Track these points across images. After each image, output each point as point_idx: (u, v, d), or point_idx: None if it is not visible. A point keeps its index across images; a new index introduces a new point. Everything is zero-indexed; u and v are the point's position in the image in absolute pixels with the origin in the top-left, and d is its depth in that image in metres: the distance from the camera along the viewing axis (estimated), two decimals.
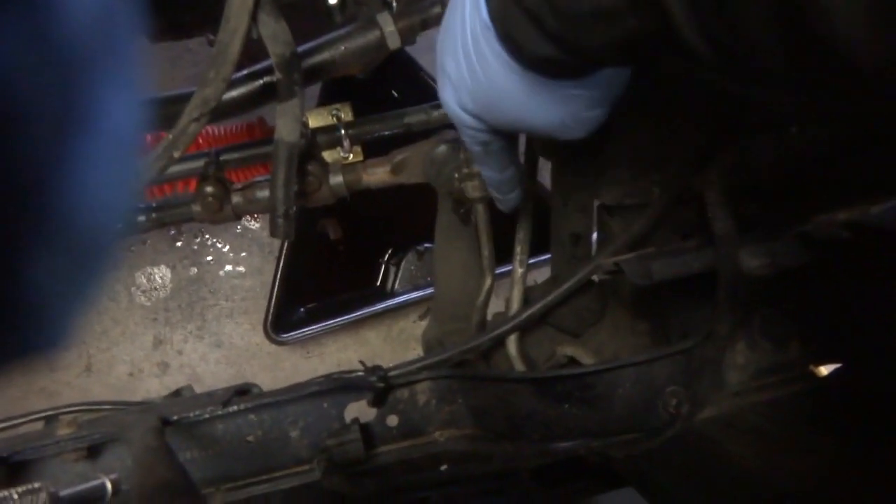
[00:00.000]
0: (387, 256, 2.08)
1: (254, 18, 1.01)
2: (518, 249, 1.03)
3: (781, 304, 0.95)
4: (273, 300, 1.91)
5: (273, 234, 1.17)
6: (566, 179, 0.97)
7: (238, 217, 1.32)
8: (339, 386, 0.94)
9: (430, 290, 2.01)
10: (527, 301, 1.03)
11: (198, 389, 2.04)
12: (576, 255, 1.02)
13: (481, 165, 0.83)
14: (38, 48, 0.24)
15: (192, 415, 0.89)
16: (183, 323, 2.07)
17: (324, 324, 1.97)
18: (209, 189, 1.27)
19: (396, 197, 1.65)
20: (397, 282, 2.05)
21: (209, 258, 2.10)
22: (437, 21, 1.31)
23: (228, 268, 2.10)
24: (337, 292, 2.07)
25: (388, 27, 1.26)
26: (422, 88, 2.00)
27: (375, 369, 0.96)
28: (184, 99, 1.07)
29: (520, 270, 1.03)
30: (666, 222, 0.99)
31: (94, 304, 0.33)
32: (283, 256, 1.91)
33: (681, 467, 0.86)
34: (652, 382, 0.91)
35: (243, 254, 2.11)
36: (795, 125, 0.73)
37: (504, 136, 0.78)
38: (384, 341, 2.11)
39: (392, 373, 0.97)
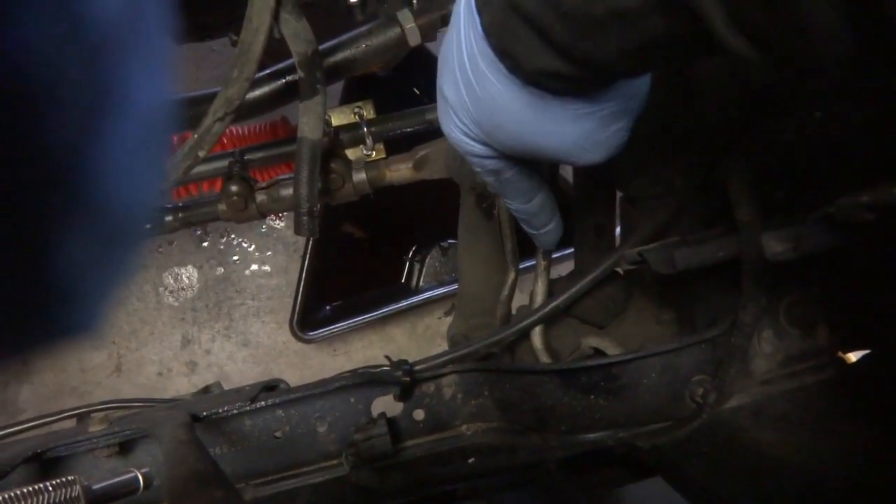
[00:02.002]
0: (411, 253, 2.08)
1: (276, 18, 1.02)
2: None
3: (808, 291, 0.94)
4: (299, 298, 1.93)
5: (297, 231, 1.17)
6: (588, 171, 0.97)
7: (263, 215, 1.33)
8: (366, 380, 0.95)
9: (454, 286, 2.02)
10: (551, 293, 1.03)
11: (226, 388, 2.07)
12: (599, 246, 1.02)
13: (501, 196, 0.77)
14: (68, 30, 0.24)
15: (221, 411, 0.91)
16: (210, 322, 2.09)
17: (349, 321, 1.98)
18: (234, 188, 1.28)
19: (419, 193, 1.66)
20: (422, 278, 2.06)
21: (235, 258, 2.12)
22: None
23: (254, 267, 2.12)
24: (362, 290, 2.08)
25: (409, 23, 1.26)
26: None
27: (401, 363, 0.97)
28: (208, 99, 1.08)
29: (543, 262, 1.03)
30: (690, 211, 0.99)
31: (126, 288, 0.33)
32: (307, 255, 1.92)
33: (709, 456, 0.86)
34: (678, 372, 0.90)
35: (269, 253, 2.12)
36: (818, 108, 0.72)
37: (517, 161, 0.70)
38: (410, 338, 2.12)
39: (418, 367, 0.98)
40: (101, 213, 0.28)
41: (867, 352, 0.95)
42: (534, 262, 1.06)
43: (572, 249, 1.15)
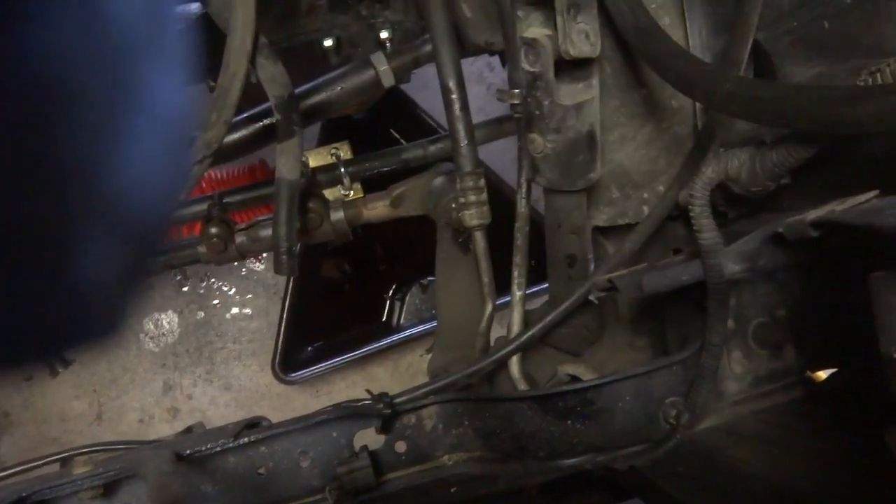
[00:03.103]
0: (391, 291, 2.10)
1: (252, 63, 1.06)
2: (515, 273, 1.05)
3: (775, 313, 0.97)
4: (280, 340, 1.94)
5: (277, 270, 1.19)
6: (559, 203, 1.00)
7: (243, 257, 1.35)
8: (347, 414, 0.96)
9: (435, 323, 2.04)
10: (527, 323, 1.06)
11: None
12: (572, 276, 1.04)
13: None
14: (89, 31, 0.25)
15: (204, 448, 0.91)
16: (192, 367, 2.09)
17: (331, 361, 1.98)
18: (214, 230, 1.30)
19: (398, 232, 1.69)
20: (403, 316, 2.07)
21: (215, 301, 2.13)
22: (427, 59, 1.35)
23: (235, 310, 2.13)
24: (343, 330, 2.09)
25: (382, 66, 1.30)
26: (418, 124, 2.04)
27: (382, 396, 0.98)
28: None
29: (518, 293, 1.05)
30: (657, 239, 1.02)
31: (144, 290, 0.33)
32: (288, 296, 1.93)
33: (685, 476, 0.87)
34: (651, 394, 0.93)
35: (249, 295, 2.13)
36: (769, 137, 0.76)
37: None
38: (392, 376, 2.12)
39: (398, 399, 0.99)
40: (123, 212, 0.28)
41: (834, 370, 0.98)
42: (540, 287, 1.08)
43: (547, 284, 1.17)
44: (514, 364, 1.03)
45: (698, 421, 0.92)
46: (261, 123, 1.29)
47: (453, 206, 1.19)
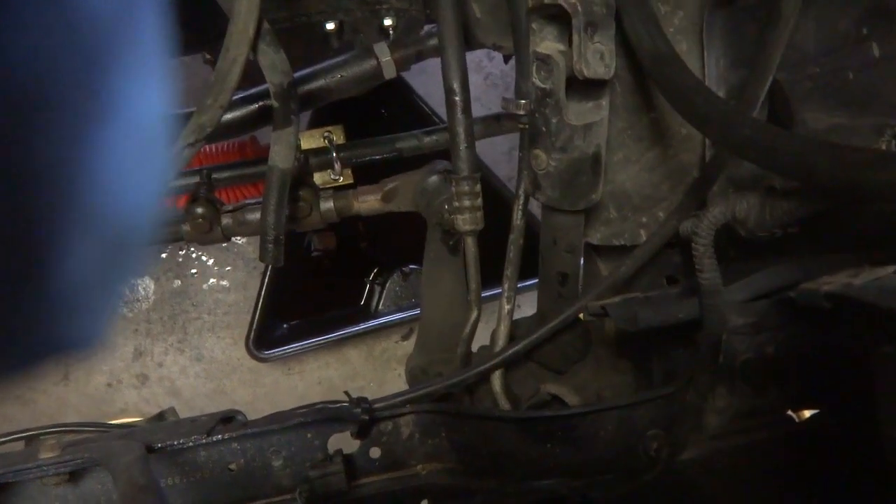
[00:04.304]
0: (372, 276, 2.08)
1: (254, 49, 1.02)
2: (506, 286, 1.04)
3: (762, 350, 0.97)
4: (257, 317, 1.92)
5: (262, 259, 1.17)
6: (557, 221, 0.98)
7: (227, 239, 1.32)
8: (325, 417, 0.94)
9: (414, 312, 2.02)
10: (513, 336, 1.04)
11: (176, 402, 2.04)
12: (562, 293, 1.03)
13: None
14: (64, 36, 0.24)
15: (176, 443, 0.90)
16: (164, 335, 2.06)
17: (307, 342, 1.97)
18: (199, 210, 1.27)
19: (384, 217, 1.67)
20: (381, 302, 2.06)
21: (193, 271, 2.10)
22: (432, 52, 1.33)
23: (212, 281, 2.10)
24: (321, 310, 2.07)
25: (385, 57, 1.27)
26: (413, 110, 2.01)
27: (360, 401, 0.97)
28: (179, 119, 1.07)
29: (506, 307, 1.04)
30: (652, 264, 1.01)
31: (122, 299, 0.33)
32: (268, 273, 1.91)
33: None
34: (634, 425, 0.92)
35: (228, 268, 2.10)
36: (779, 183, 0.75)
37: None
38: (366, 360, 2.11)
39: (377, 405, 0.98)
40: (101, 221, 0.28)
41: (815, 412, 0.98)
42: (497, 291, 1.07)
43: (535, 281, 1.16)
44: (497, 379, 1.02)
45: (678, 454, 0.91)
46: (256, 106, 1.26)
47: (446, 207, 1.17)
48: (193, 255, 2.09)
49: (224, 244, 2.09)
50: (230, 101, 1.10)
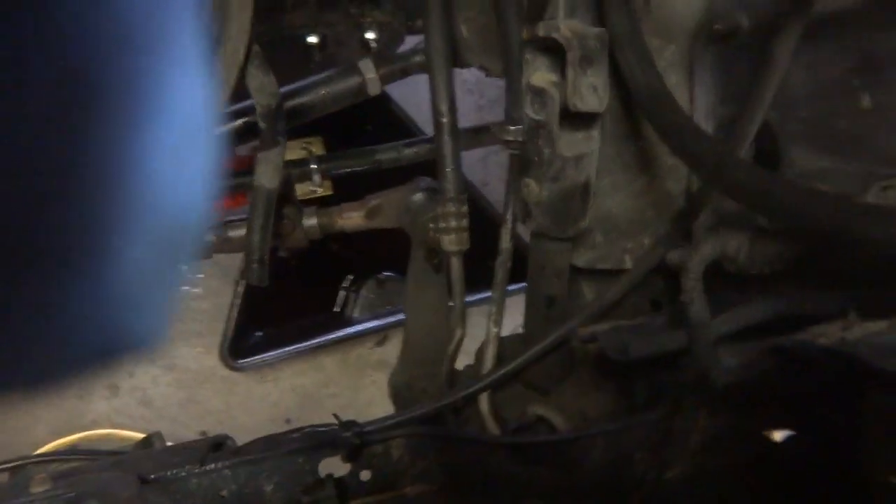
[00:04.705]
0: (347, 283, 2.08)
1: (242, 72, 1.02)
2: (493, 309, 1.05)
3: (747, 373, 1.00)
4: (231, 324, 1.90)
5: (248, 279, 1.17)
6: (546, 247, 1.00)
7: (209, 256, 1.32)
8: (316, 443, 0.95)
9: (389, 319, 2.03)
10: (499, 356, 1.06)
11: (148, 412, 2.02)
12: (549, 316, 1.05)
13: None
14: (111, 26, 0.24)
15: (170, 474, 0.89)
16: None
17: (281, 350, 1.97)
18: None
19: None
20: (356, 309, 2.06)
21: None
22: (416, 68, 1.33)
23: (184, 289, 2.07)
24: (294, 317, 2.06)
25: (370, 74, 1.27)
26: (392, 120, 2.01)
27: (350, 425, 0.98)
28: None
29: (493, 329, 1.05)
30: (636, 289, 1.03)
31: (177, 302, 0.33)
32: (241, 281, 1.90)
33: None
34: (622, 448, 0.94)
35: (200, 275, 2.08)
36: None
37: None
38: (340, 367, 2.11)
39: (367, 428, 0.99)
40: (155, 214, 0.28)
41: (791, 433, 1.01)
42: (482, 296, 1.08)
43: (520, 285, 1.17)
44: (484, 401, 1.04)
45: (664, 474, 0.94)
46: (238, 122, 1.25)
47: (431, 226, 1.18)
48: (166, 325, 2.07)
49: None
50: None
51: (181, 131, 0.28)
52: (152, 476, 0.88)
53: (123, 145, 0.25)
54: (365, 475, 1.00)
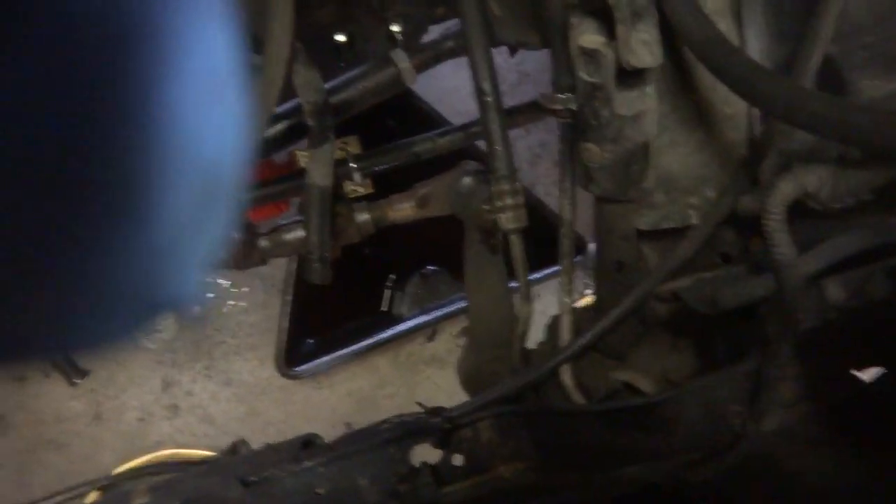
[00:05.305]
0: (390, 281, 2.08)
1: (288, 70, 1.02)
2: (565, 279, 1.05)
3: (826, 317, 0.98)
4: (283, 334, 1.91)
5: (310, 278, 1.17)
6: (611, 210, 0.99)
7: (265, 262, 1.32)
8: (406, 432, 0.95)
9: (438, 313, 2.03)
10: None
11: (210, 429, 2.03)
12: (620, 281, 1.04)
13: None
14: None
15: (267, 474, 0.90)
16: (190, 363, 2.05)
17: (335, 354, 1.97)
18: (236, 235, 1.26)
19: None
20: (403, 306, 2.06)
21: (211, 295, 2.08)
22: (448, 54, 1.33)
23: (231, 303, 2.09)
24: (343, 321, 2.07)
25: (404, 63, 1.27)
26: (415, 113, 2.01)
27: (439, 411, 0.98)
28: None
29: (566, 300, 1.05)
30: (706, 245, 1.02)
31: (219, 253, 0.32)
32: (290, 290, 1.90)
33: (754, 488, 0.89)
34: (715, 404, 0.93)
35: (245, 289, 2.09)
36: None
37: None
38: (393, 366, 2.11)
39: (454, 413, 0.98)
40: (190, 166, 0.28)
41: (883, 371, 0.99)
42: (541, 275, 1.07)
43: (556, 269, 1.16)
44: (567, 373, 1.03)
45: (760, 427, 0.93)
46: (282, 125, 1.25)
47: (486, 207, 1.18)
48: (209, 280, 2.08)
49: None
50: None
51: (208, 79, 0.28)
52: (252, 478, 0.88)
53: (151, 96, 0.25)
54: (458, 459, 0.99)
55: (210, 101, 0.28)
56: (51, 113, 0.23)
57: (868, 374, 1.04)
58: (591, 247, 1.26)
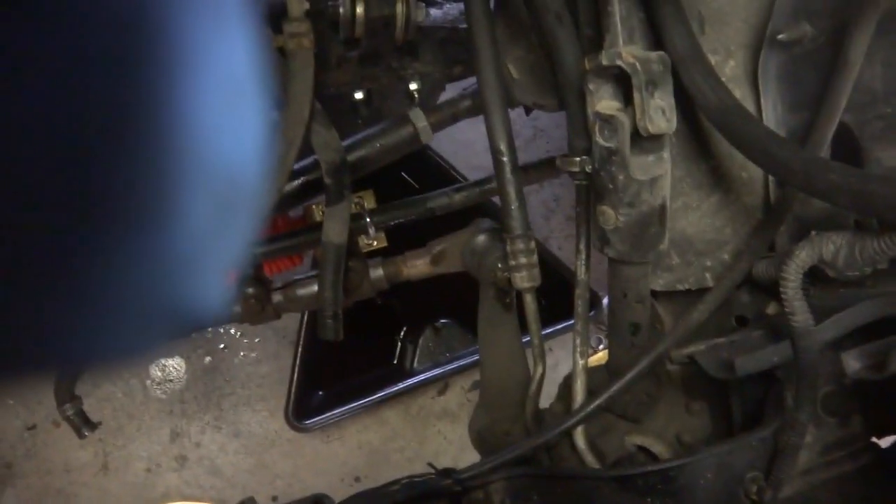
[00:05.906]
0: (402, 334, 2.08)
1: (307, 129, 1.04)
2: (578, 341, 1.04)
3: (841, 381, 0.97)
4: (293, 386, 1.90)
5: (322, 334, 1.17)
6: (626, 273, 0.99)
7: (279, 316, 1.32)
8: (416, 494, 0.94)
9: (450, 367, 2.02)
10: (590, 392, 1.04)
11: (217, 481, 2.01)
12: (635, 343, 1.04)
13: None
14: None
15: None
16: (199, 414, 2.04)
17: (345, 407, 1.95)
18: (251, 290, 1.27)
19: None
20: (415, 359, 2.05)
21: (222, 346, 2.08)
22: (466, 113, 1.35)
23: (243, 354, 2.08)
24: (355, 373, 2.06)
25: (421, 122, 1.29)
26: (430, 166, 2.03)
27: (449, 472, 0.96)
28: None
29: (581, 361, 1.04)
30: (720, 306, 1.02)
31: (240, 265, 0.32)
32: (300, 342, 1.90)
33: None
34: (732, 470, 0.92)
35: (257, 340, 2.09)
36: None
37: None
38: (404, 420, 2.10)
39: (465, 475, 0.97)
40: (207, 175, 0.27)
41: None
42: (553, 329, 1.07)
43: (567, 324, 1.16)
44: (580, 435, 1.02)
45: (777, 494, 0.91)
46: (298, 181, 1.27)
47: (499, 265, 1.18)
48: (221, 330, 2.08)
49: None
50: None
51: (228, 88, 0.28)
52: None
53: (170, 103, 0.25)
54: None
55: (230, 109, 0.28)
56: (68, 122, 0.23)
57: (886, 442, 1.02)
58: (606, 301, 1.26)
